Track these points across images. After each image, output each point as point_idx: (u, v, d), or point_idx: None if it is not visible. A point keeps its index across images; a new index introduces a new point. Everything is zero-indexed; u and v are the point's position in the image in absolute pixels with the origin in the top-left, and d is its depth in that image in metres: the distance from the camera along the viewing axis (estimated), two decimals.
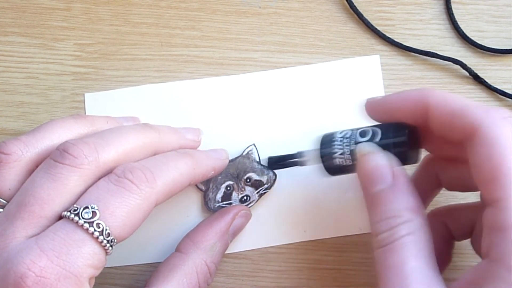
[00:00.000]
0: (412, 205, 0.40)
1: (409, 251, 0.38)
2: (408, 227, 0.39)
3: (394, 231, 0.39)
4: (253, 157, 0.52)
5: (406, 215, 0.39)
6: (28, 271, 0.36)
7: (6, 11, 0.57)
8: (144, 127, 0.46)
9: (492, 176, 0.36)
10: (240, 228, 0.51)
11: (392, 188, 0.40)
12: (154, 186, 0.41)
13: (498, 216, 0.35)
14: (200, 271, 0.47)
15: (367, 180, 0.42)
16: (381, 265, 0.39)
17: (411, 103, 0.42)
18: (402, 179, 0.41)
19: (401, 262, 0.38)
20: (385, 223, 0.40)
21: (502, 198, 0.35)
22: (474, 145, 0.38)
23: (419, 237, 0.39)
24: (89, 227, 0.38)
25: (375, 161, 0.42)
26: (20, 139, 0.43)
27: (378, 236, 0.40)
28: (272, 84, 0.55)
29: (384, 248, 0.39)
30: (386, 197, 0.40)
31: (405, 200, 0.40)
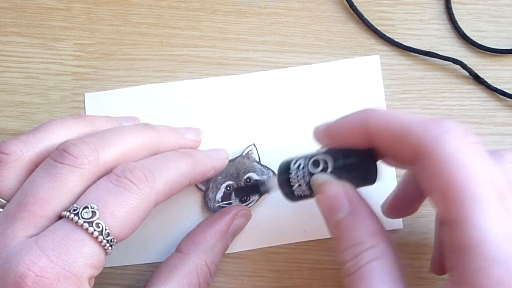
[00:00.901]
0: (374, 230, 0.39)
1: (374, 277, 0.37)
2: (371, 253, 0.38)
3: (358, 258, 0.38)
4: (253, 157, 0.52)
5: (368, 242, 0.39)
6: (28, 271, 0.36)
7: (6, 11, 0.57)
8: (144, 127, 0.46)
9: (443, 196, 0.35)
10: (240, 228, 0.51)
11: (351, 216, 0.40)
12: (154, 185, 0.41)
13: (457, 236, 0.34)
14: (200, 271, 0.47)
15: (326, 210, 0.42)
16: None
17: (353, 128, 0.41)
18: (360, 204, 0.40)
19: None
20: (348, 252, 0.39)
21: (457, 218, 0.34)
22: (421, 167, 0.37)
23: (384, 262, 0.38)
24: (89, 227, 0.38)
25: (330, 191, 0.41)
26: (20, 139, 0.43)
27: (345, 265, 0.39)
28: (272, 84, 0.55)
29: (350, 276, 0.38)
30: (347, 225, 0.40)
31: (365, 226, 0.39)
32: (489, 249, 0.33)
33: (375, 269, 0.37)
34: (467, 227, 0.34)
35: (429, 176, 0.36)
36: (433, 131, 0.36)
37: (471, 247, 0.33)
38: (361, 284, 0.37)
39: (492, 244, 0.33)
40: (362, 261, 0.38)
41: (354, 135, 0.41)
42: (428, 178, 0.37)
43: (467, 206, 0.34)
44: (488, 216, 0.34)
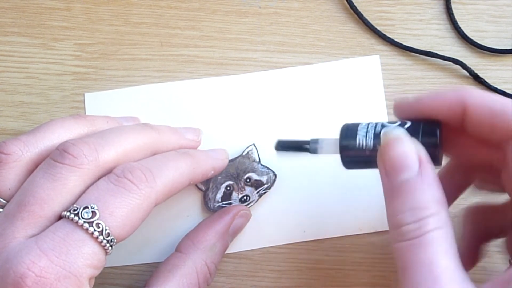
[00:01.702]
0: (439, 197, 0.38)
1: (439, 247, 0.36)
2: (436, 220, 0.37)
3: (422, 223, 0.36)
4: (253, 157, 0.52)
5: (434, 207, 0.37)
6: (27, 271, 0.36)
7: (6, 11, 0.57)
8: (144, 127, 0.46)
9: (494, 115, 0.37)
10: (240, 228, 0.51)
11: (420, 177, 0.38)
12: (154, 186, 0.41)
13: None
14: (200, 271, 0.47)
15: (391, 167, 0.39)
16: (406, 260, 0.37)
17: (448, 104, 0.41)
18: (430, 168, 0.38)
19: (432, 260, 0.36)
20: (410, 214, 0.37)
21: None
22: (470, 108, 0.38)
23: (447, 233, 0.37)
24: (89, 227, 0.38)
25: (402, 147, 0.39)
26: (20, 139, 0.43)
27: (402, 228, 0.37)
28: (272, 84, 0.55)
29: (410, 242, 0.37)
30: (413, 187, 0.38)
31: (432, 191, 0.38)
32: None
33: (440, 239, 0.36)
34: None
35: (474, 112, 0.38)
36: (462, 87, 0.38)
37: None
38: (423, 252, 0.36)
39: None
40: (426, 227, 0.36)
41: (447, 111, 0.41)
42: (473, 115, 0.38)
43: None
44: None
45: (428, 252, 0.36)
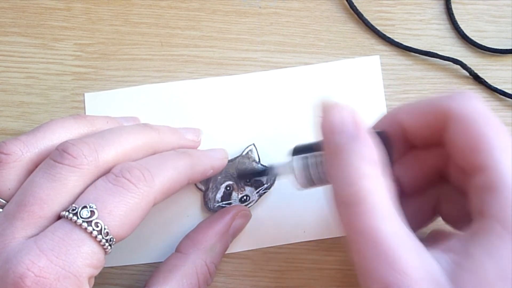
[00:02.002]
0: (375, 159, 0.38)
1: (378, 212, 0.36)
2: (372, 183, 0.36)
3: (357, 188, 0.36)
4: (253, 157, 0.52)
5: (369, 169, 0.37)
6: (27, 271, 0.36)
7: (6, 11, 0.57)
8: (144, 127, 0.46)
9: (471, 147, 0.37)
10: (240, 229, 0.51)
11: (355, 139, 0.38)
12: (152, 185, 0.41)
13: (488, 179, 0.36)
14: (200, 272, 0.47)
15: (328, 131, 0.39)
16: (350, 229, 0.36)
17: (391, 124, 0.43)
18: (365, 132, 0.38)
19: (372, 226, 0.35)
20: (345, 179, 0.37)
21: (488, 164, 0.36)
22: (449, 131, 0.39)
23: (385, 195, 0.36)
24: (88, 226, 0.38)
25: (338, 113, 0.39)
26: (20, 139, 0.43)
27: (341, 191, 0.37)
28: (272, 84, 0.55)
29: (348, 210, 0.36)
30: (349, 149, 0.38)
31: (369, 153, 0.37)
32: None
33: (378, 203, 0.36)
34: (495, 169, 0.36)
35: (458, 134, 0.38)
36: (457, 97, 0.39)
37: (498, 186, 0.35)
38: (364, 219, 0.36)
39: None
40: (362, 192, 0.36)
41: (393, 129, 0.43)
42: (456, 136, 0.38)
43: (495, 151, 0.36)
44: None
45: (366, 220, 0.36)
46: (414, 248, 0.35)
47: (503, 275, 0.33)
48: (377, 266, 0.35)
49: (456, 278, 0.34)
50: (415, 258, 0.35)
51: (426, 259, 0.35)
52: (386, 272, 0.34)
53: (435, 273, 0.35)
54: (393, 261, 0.34)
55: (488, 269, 0.34)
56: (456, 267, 0.35)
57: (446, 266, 0.35)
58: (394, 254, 0.35)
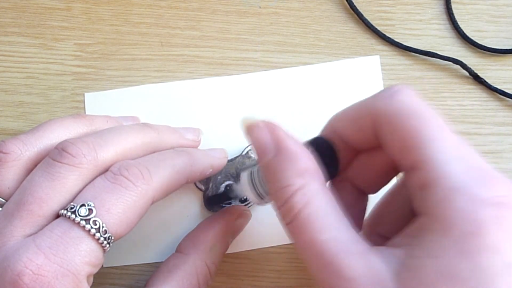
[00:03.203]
0: (303, 169, 0.37)
1: (314, 224, 0.35)
2: (303, 195, 0.36)
3: (290, 204, 0.36)
4: (253, 157, 0.52)
5: (297, 182, 0.37)
6: (25, 269, 0.36)
7: (6, 11, 0.57)
8: (143, 127, 0.46)
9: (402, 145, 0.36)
10: (240, 229, 0.51)
11: (277, 157, 0.38)
12: (150, 183, 0.41)
13: (419, 177, 0.35)
14: (200, 272, 0.47)
15: (257, 150, 0.40)
16: (296, 244, 0.37)
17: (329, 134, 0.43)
18: (287, 144, 0.38)
19: (311, 239, 0.35)
20: (278, 197, 0.37)
21: (417, 159, 0.35)
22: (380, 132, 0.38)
23: (319, 203, 0.36)
24: (86, 224, 0.38)
25: (257, 133, 0.39)
26: (19, 138, 0.43)
27: (279, 209, 0.38)
28: (272, 84, 0.55)
29: (288, 226, 0.37)
30: (273, 168, 0.38)
31: (293, 166, 0.37)
32: (449, 180, 0.34)
33: (313, 214, 0.36)
34: (428, 165, 0.35)
35: (388, 132, 0.37)
36: (383, 95, 0.38)
37: (433, 182, 0.34)
38: (303, 233, 0.36)
39: (453, 176, 0.34)
40: (294, 207, 0.36)
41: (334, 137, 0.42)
42: (387, 135, 0.37)
43: (426, 146, 0.35)
44: (446, 152, 0.35)
45: (306, 233, 0.36)
46: (358, 252, 0.35)
47: (443, 274, 0.33)
48: (324, 276, 0.35)
49: (401, 279, 0.34)
50: (359, 262, 0.35)
51: (371, 261, 0.35)
52: (334, 281, 0.35)
53: (380, 275, 0.34)
54: (337, 269, 0.34)
55: (429, 268, 0.33)
56: (401, 266, 0.34)
57: (392, 265, 0.34)
58: (337, 262, 0.35)
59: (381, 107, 0.38)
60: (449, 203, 0.33)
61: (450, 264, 0.33)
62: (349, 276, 0.34)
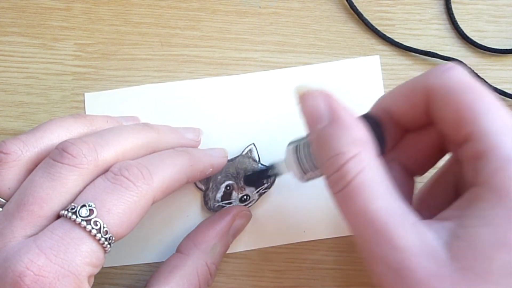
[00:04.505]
0: (358, 137, 0.38)
1: (367, 192, 0.36)
2: (357, 163, 0.37)
3: (343, 171, 0.37)
4: (253, 157, 0.52)
5: (352, 150, 0.37)
6: (26, 270, 0.36)
7: (6, 11, 0.57)
8: (143, 127, 0.46)
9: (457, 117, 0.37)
10: (240, 229, 0.51)
11: (331, 125, 0.38)
12: (151, 183, 0.41)
13: (476, 146, 0.36)
14: (201, 272, 0.47)
15: (308, 121, 0.40)
16: (345, 213, 0.37)
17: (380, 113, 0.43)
18: (342, 113, 0.39)
19: (362, 207, 0.36)
20: (330, 164, 0.37)
21: (472, 131, 0.36)
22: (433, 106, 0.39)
23: (372, 172, 0.37)
24: (87, 225, 0.38)
25: (311, 100, 0.40)
26: (20, 138, 0.43)
27: (330, 177, 0.38)
28: (272, 84, 0.55)
29: (339, 194, 0.37)
30: (329, 133, 0.38)
31: (348, 134, 0.38)
32: (504, 150, 0.35)
33: (366, 182, 0.36)
34: (482, 136, 0.35)
35: (442, 107, 0.38)
36: (437, 72, 0.39)
37: (487, 152, 0.35)
38: (355, 201, 0.36)
39: (507, 146, 0.35)
40: (348, 174, 0.36)
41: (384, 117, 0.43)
42: (441, 110, 0.38)
43: (480, 118, 0.36)
44: (500, 123, 0.36)
45: (358, 201, 0.36)
46: (409, 223, 0.35)
47: (498, 242, 0.33)
48: (375, 246, 0.35)
49: (453, 249, 0.34)
50: (411, 233, 0.35)
51: (423, 232, 0.35)
52: (384, 250, 0.35)
53: (432, 245, 0.35)
54: (389, 239, 0.35)
55: (483, 237, 0.33)
56: (453, 237, 0.35)
57: (443, 236, 0.35)
58: (389, 231, 0.35)
59: (436, 82, 0.38)
60: (504, 172, 0.34)
61: (505, 231, 0.33)
62: (401, 246, 0.34)
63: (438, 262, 0.34)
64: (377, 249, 0.35)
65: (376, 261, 0.36)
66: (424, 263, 0.34)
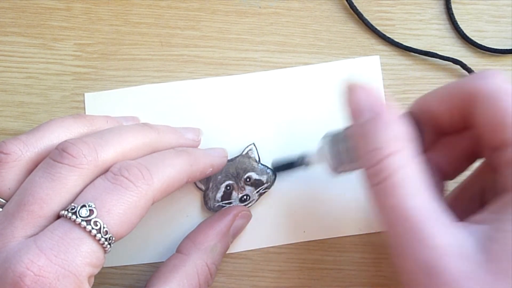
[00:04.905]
0: (401, 134, 0.38)
1: (405, 189, 0.36)
2: (399, 159, 0.37)
3: (383, 165, 0.37)
4: (253, 157, 0.52)
5: (394, 145, 0.38)
6: (26, 270, 0.36)
7: (6, 11, 0.57)
8: (143, 127, 0.46)
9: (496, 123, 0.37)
10: (240, 229, 0.51)
11: (380, 116, 0.39)
12: (151, 183, 0.41)
13: None
14: (201, 272, 0.47)
15: (353, 112, 0.41)
16: (380, 206, 0.38)
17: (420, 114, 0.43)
18: (387, 109, 0.39)
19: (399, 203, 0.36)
20: (371, 156, 0.38)
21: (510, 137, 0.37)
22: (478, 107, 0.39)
23: (412, 170, 0.37)
24: (87, 225, 0.38)
25: (358, 94, 0.40)
26: (20, 138, 0.43)
27: (369, 170, 0.38)
28: (272, 84, 0.55)
29: (376, 187, 0.37)
30: (374, 126, 0.39)
31: (392, 129, 0.38)
32: None
33: (406, 179, 0.37)
34: None
35: (482, 111, 0.38)
36: (477, 77, 0.39)
37: None
38: (392, 196, 0.36)
39: None
40: (388, 168, 0.37)
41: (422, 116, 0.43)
42: (481, 114, 0.39)
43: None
44: None
45: (395, 197, 0.36)
46: (445, 222, 0.36)
47: None
48: (408, 242, 0.36)
49: (488, 251, 0.34)
50: (446, 232, 0.35)
51: (457, 233, 0.35)
52: (417, 248, 0.35)
53: (466, 246, 0.35)
54: (424, 237, 0.35)
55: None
56: (488, 240, 0.35)
57: (477, 238, 0.35)
58: (424, 229, 0.35)
59: (478, 87, 0.39)
60: None
61: None
62: (435, 245, 0.35)
63: (472, 263, 0.34)
64: (409, 246, 0.36)
65: (407, 258, 0.36)
66: (457, 263, 0.34)
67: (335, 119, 0.53)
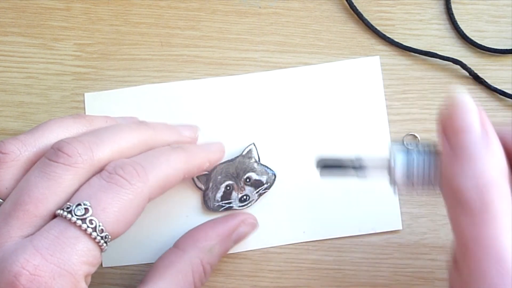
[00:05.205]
0: (504, 167, 0.35)
1: (504, 222, 0.33)
2: (500, 191, 0.34)
3: (484, 193, 0.34)
4: (253, 157, 0.52)
5: (497, 177, 0.34)
6: (22, 269, 0.36)
7: (6, 11, 0.57)
8: (139, 125, 0.46)
9: None
10: (243, 236, 0.51)
11: (484, 142, 0.35)
12: (146, 181, 0.41)
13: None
14: (196, 270, 0.47)
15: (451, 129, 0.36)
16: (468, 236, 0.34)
17: None
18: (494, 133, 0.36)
19: (496, 237, 0.33)
20: (471, 181, 0.34)
21: None
22: None
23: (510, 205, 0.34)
24: (82, 224, 0.38)
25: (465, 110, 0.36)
26: (18, 138, 0.43)
27: (462, 195, 0.35)
28: (272, 85, 0.55)
29: (471, 215, 0.34)
30: (476, 151, 0.35)
31: (497, 159, 0.35)
32: None
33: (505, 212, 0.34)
34: None
35: None
36: None
37: None
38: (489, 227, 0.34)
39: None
40: (489, 197, 0.34)
41: None
42: None
43: None
44: None
45: (493, 228, 0.34)
46: None
47: None
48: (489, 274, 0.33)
49: None
50: None
51: None
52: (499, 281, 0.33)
53: None
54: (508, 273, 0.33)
55: None
56: None
57: None
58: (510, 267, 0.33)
59: None
60: None
61: None
62: None
63: None
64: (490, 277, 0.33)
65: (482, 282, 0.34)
66: None
67: (335, 119, 0.53)
